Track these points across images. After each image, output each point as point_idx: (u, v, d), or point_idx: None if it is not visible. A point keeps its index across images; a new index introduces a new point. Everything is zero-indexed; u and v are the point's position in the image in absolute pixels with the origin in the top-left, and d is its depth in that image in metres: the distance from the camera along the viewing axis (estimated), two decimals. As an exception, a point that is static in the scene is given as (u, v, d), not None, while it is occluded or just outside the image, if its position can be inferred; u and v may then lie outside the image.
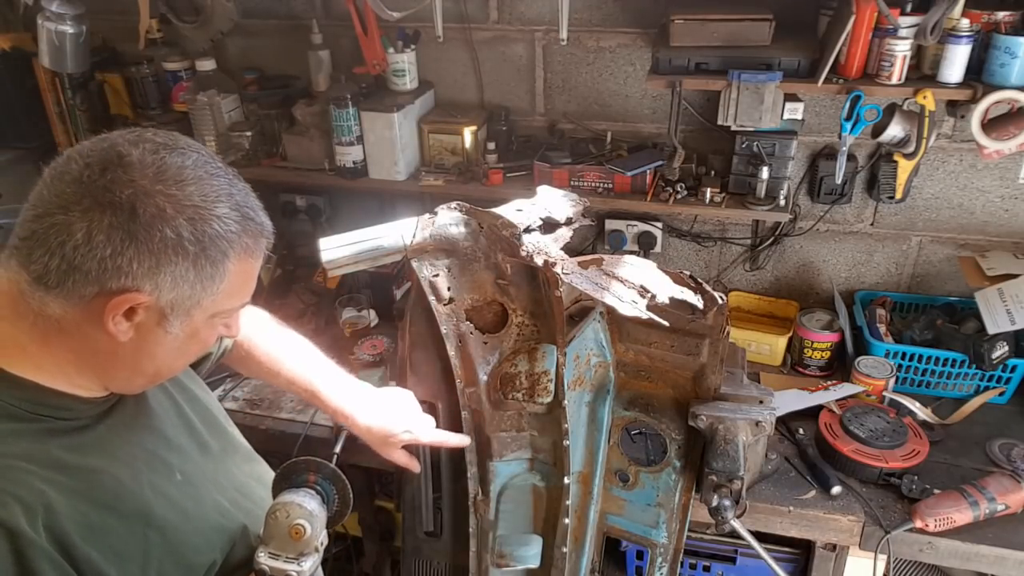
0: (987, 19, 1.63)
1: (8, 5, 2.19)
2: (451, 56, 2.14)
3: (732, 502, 1.40)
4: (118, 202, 0.80)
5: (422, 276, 1.29)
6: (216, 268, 0.86)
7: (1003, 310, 1.78)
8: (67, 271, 0.81)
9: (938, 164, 1.97)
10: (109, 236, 0.80)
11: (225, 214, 0.85)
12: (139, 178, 0.81)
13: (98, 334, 0.85)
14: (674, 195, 1.94)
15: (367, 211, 2.27)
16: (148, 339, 0.88)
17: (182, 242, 0.82)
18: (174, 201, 0.82)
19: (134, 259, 0.81)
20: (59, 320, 0.85)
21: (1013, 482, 1.53)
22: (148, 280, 0.82)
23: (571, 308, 1.40)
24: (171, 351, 0.92)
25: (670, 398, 1.48)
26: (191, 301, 0.87)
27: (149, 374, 0.94)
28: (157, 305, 0.85)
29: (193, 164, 0.85)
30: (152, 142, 0.84)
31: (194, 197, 0.83)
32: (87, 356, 0.88)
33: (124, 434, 0.96)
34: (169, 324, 0.87)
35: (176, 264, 0.83)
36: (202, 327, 0.92)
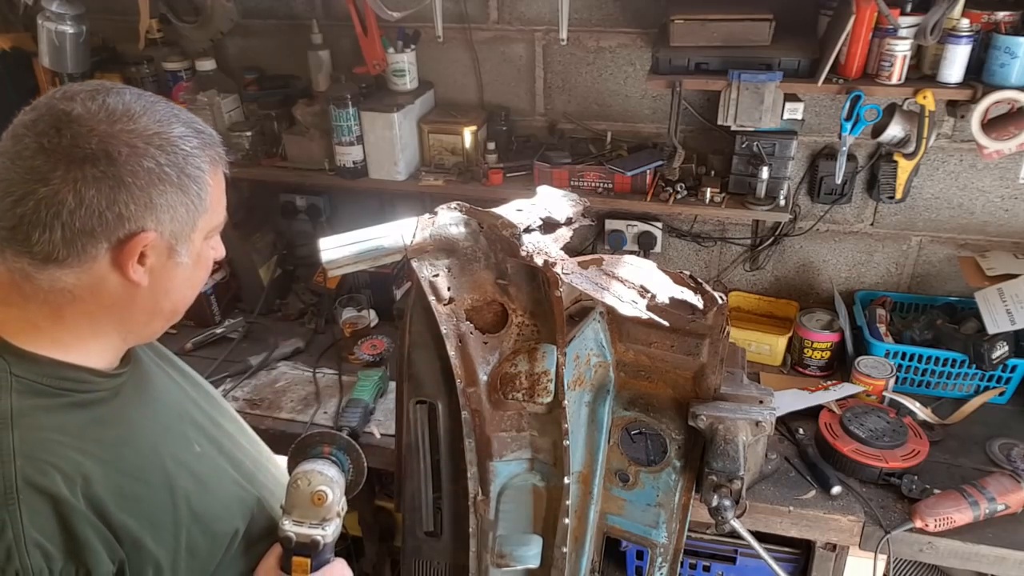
0: (987, 19, 1.63)
1: (8, 5, 2.18)
2: (451, 56, 2.14)
3: (732, 502, 1.40)
4: (91, 153, 0.80)
5: (422, 276, 1.29)
6: (199, 185, 0.88)
7: (1003, 310, 1.78)
8: (72, 239, 0.82)
9: (938, 164, 1.97)
10: (99, 188, 0.81)
11: (183, 133, 0.87)
12: (96, 125, 0.81)
13: (115, 288, 0.87)
14: (674, 195, 1.94)
15: (367, 211, 2.27)
16: (163, 276, 0.90)
17: (163, 169, 0.84)
18: (138, 135, 0.83)
19: (129, 202, 0.82)
20: (71, 290, 0.86)
21: (1013, 482, 1.53)
22: (148, 217, 0.84)
23: (571, 308, 1.40)
24: (184, 282, 0.94)
25: (670, 398, 1.48)
26: (189, 225, 0.89)
27: (167, 312, 0.96)
28: (163, 239, 0.87)
29: (133, 98, 0.86)
30: (84, 91, 0.84)
31: (151, 126, 0.84)
32: (103, 315, 0.90)
33: (140, 408, 0.98)
34: (179, 254, 0.90)
35: (166, 193, 0.85)
36: (203, 249, 0.95)
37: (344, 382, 1.96)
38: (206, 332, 2.17)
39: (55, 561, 0.81)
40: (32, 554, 0.79)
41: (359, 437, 1.76)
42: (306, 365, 2.05)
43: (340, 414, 1.81)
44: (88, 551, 0.84)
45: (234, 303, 2.32)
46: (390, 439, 1.73)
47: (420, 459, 1.43)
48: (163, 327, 0.99)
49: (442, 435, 1.39)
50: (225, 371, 2.00)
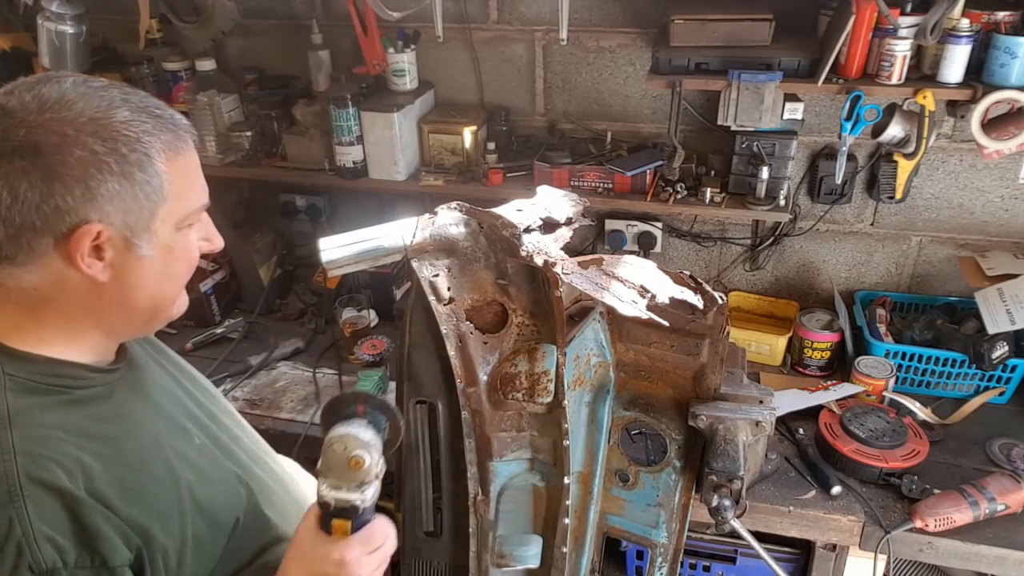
0: (987, 19, 1.63)
1: (8, 5, 2.18)
2: (451, 56, 2.14)
3: (732, 502, 1.40)
4: (18, 146, 0.78)
5: (422, 276, 1.29)
6: (146, 172, 0.84)
7: (1003, 310, 1.78)
8: (15, 235, 0.80)
9: (938, 164, 1.97)
10: (30, 182, 0.79)
11: (128, 117, 0.83)
12: (26, 116, 0.79)
13: (78, 285, 0.85)
14: (674, 195, 1.94)
15: (367, 211, 2.27)
16: (127, 271, 0.87)
17: (98, 157, 0.81)
18: (68, 122, 0.80)
19: (65, 193, 0.80)
20: (37, 288, 0.85)
21: (1013, 482, 1.53)
22: (90, 208, 0.81)
23: (571, 308, 1.40)
24: (155, 276, 0.90)
25: (670, 398, 1.48)
26: (145, 215, 0.85)
27: (146, 308, 0.92)
28: (116, 231, 0.84)
29: (72, 85, 0.83)
30: (25, 83, 0.83)
31: (86, 112, 0.81)
32: (77, 312, 0.88)
33: (140, 402, 0.97)
34: (138, 247, 0.86)
35: (106, 182, 0.81)
36: (174, 241, 0.90)
37: (344, 382, 1.96)
38: (206, 332, 2.17)
39: (67, 553, 0.81)
40: (43, 548, 0.79)
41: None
42: (306, 365, 2.05)
43: (340, 414, 1.81)
44: (101, 540, 0.83)
45: (234, 303, 2.32)
46: (390, 439, 1.73)
47: (420, 459, 1.43)
48: (148, 323, 0.97)
49: (442, 435, 1.39)
50: (225, 371, 2.00)
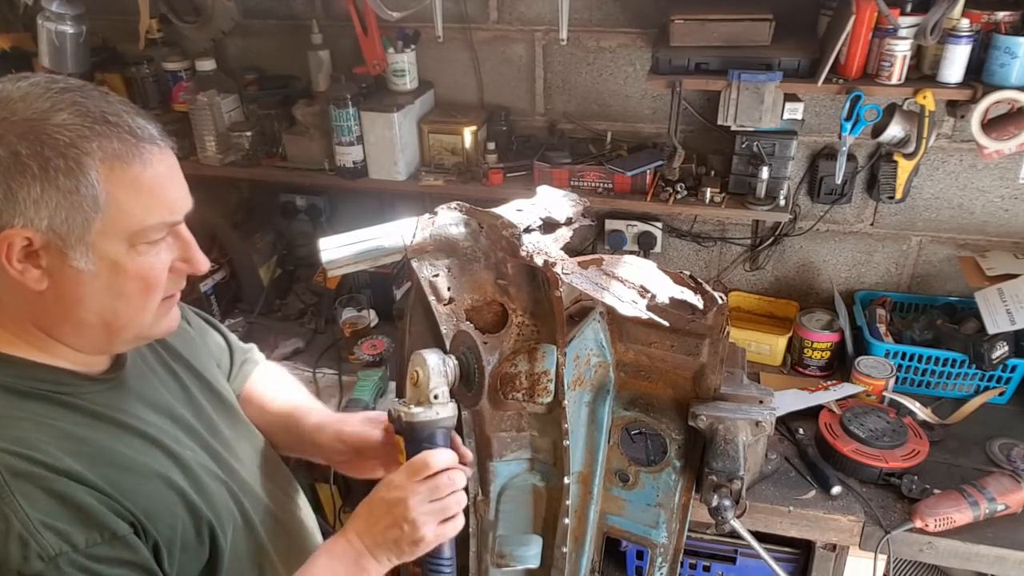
0: (987, 19, 1.63)
1: (8, 5, 2.18)
2: (451, 56, 2.14)
3: (732, 502, 1.40)
4: None
5: (422, 276, 1.29)
6: (77, 180, 0.79)
7: (1003, 310, 1.78)
8: None
9: (938, 164, 1.97)
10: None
11: (66, 121, 0.79)
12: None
13: (19, 290, 0.82)
14: (674, 195, 1.94)
15: (367, 211, 2.27)
16: (65, 282, 0.83)
17: (20, 159, 0.77)
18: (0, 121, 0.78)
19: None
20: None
21: (1013, 482, 1.53)
22: (12, 211, 0.78)
23: (571, 308, 1.40)
24: (100, 292, 0.85)
25: (670, 398, 1.48)
26: (76, 225, 0.80)
27: (95, 325, 0.87)
28: (45, 240, 0.80)
29: (28, 86, 0.81)
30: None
31: (21, 112, 0.79)
32: (25, 317, 0.86)
33: (132, 411, 0.95)
34: (72, 258, 0.82)
35: (29, 186, 0.78)
36: (125, 258, 0.85)
37: (344, 382, 1.96)
38: (206, 332, 2.16)
39: (73, 535, 0.80)
40: (45, 535, 0.78)
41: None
42: (306, 365, 2.05)
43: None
44: (101, 515, 0.82)
45: (234, 303, 2.32)
46: (390, 439, 1.73)
47: (420, 459, 1.43)
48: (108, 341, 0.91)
49: (442, 435, 1.38)
50: (225, 371, 2.00)
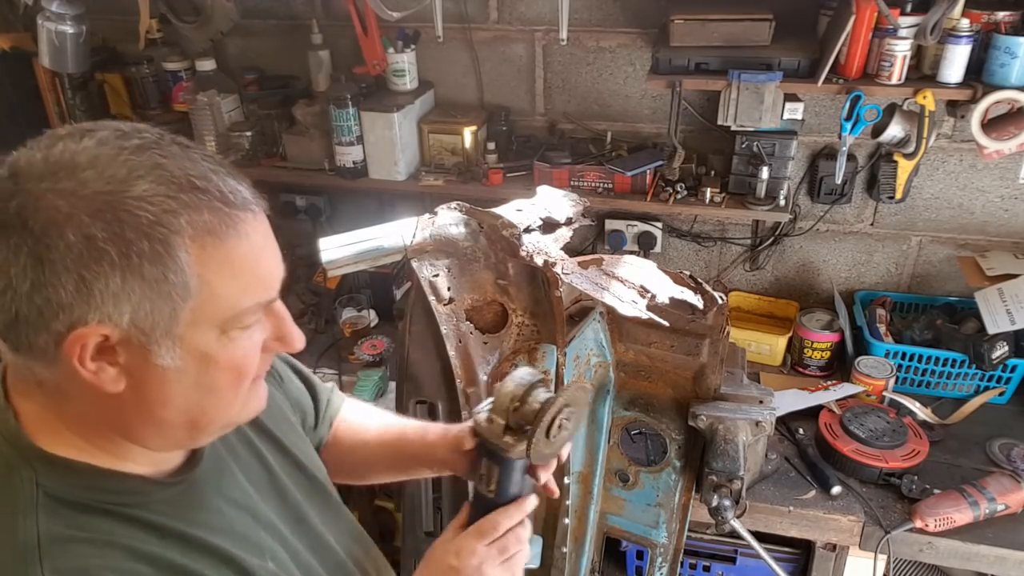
0: (987, 19, 1.63)
1: (8, 5, 2.18)
2: (451, 56, 2.14)
3: (732, 502, 1.40)
4: (8, 220, 0.62)
5: (422, 276, 1.29)
6: (165, 266, 0.64)
7: (1003, 310, 1.77)
8: (12, 325, 0.64)
9: (938, 164, 1.97)
10: (20, 267, 0.62)
11: (148, 192, 0.63)
12: (24, 182, 0.63)
13: (92, 390, 0.67)
14: (674, 195, 1.94)
15: (367, 211, 2.27)
16: (147, 381, 0.68)
17: (95, 244, 0.62)
18: (67, 195, 0.62)
19: (57, 285, 0.62)
20: (57, 386, 0.68)
21: (1013, 482, 1.53)
22: (86, 306, 0.63)
23: (571, 308, 1.40)
24: (187, 388, 0.70)
25: (670, 398, 1.49)
26: (163, 317, 0.65)
27: (180, 423, 0.72)
28: (124, 336, 0.65)
29: (96, 144, 0.65)
30: (51, 136, 0.66)
31: (93, 183, 0.62)
32: (100, 420, 0.71)
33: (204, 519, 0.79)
34: (157, 355, 0.67)
35: (107, 276, 0.62)
36: (216, 348, 0.70)
37: (344, 382, 1.96)
38: (206, 332, 2.16)
39: None
40: None
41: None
42: (306, 365, 2.04)
43: (340, 414, 1.81)
44: None
45: (234, 303, 2.32)
46: (390, 439, 1.73)
47: (420, 459, 1.43)
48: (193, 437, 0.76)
49: (442, 435, 1.38)
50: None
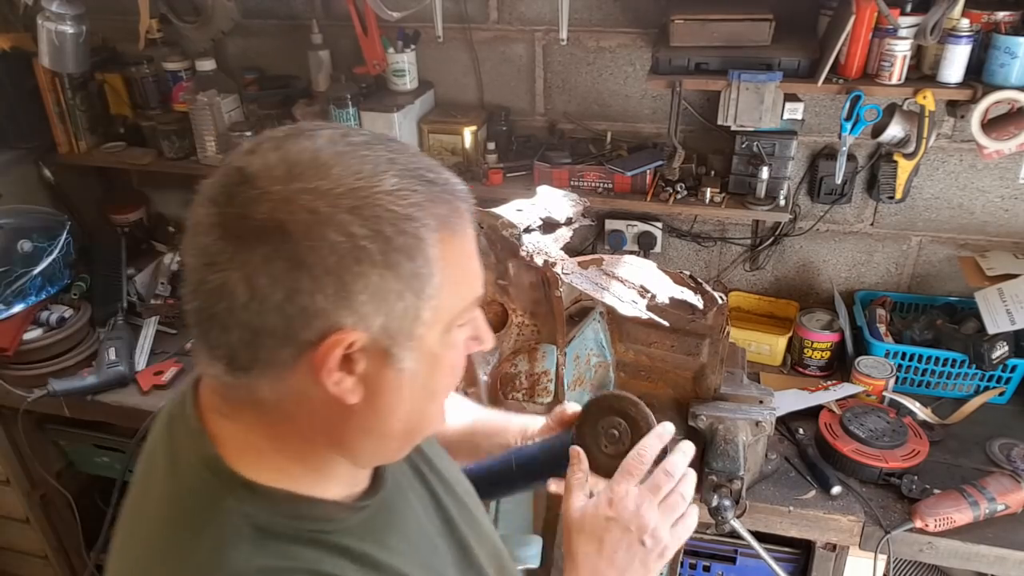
0: (987, 19, 1.62)
1: (8, 5, 2.18)
2: (451, 56, 2.14)
3: (732, 502, 1.40)
4: (260, 227, 0.59)
5: (422, 276, 1.29)
6: (416, 261, 0.62)
7: (1003, 310, 1.78)
8: (251, 341, 0.61)
9: (938, 164, 1.97)
10: (273, 276, 0.59)
11: (395, 186, 0.61)
12: (269, 185, 0.60)
13: (322, 405, 0.64)
14: (674, 195, 1.94)
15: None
16: (383, 389, 0.66)
17: (356, 243, 0.59)
18: (321, 194, 0.59)
19: (315, 291, 0.59)
20: (277, 404, 0.65)
21: (1013, 482, 1.53)
22: (344, 310, 0.60)
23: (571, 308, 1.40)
24: (416, 395, 0.68)
25: (670, 398, 1.49)
26: (409, 318, 0.63)
27: (400, 433, 0.71)
28: (372, 340, 0.62)
29: (328, 140, 0.63)
30: (272, 139, 0.64)
31: (345, 180, 0.60)
32: (323, 438, 0.69)
33: (395, 542, 0.77)
34: (398, 359, 0.64)
35: (365, 276, 0.60)
36: (441, 348, 0.68)
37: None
38: (206, 332, 2.17)
39: None
40: None
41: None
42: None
43: (340, 414, 1.81)
44: None
45: (234, 303, 2.32)
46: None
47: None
48: (399, 450, 0.75)
49: (442, 435, 1.38)
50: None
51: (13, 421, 2.03)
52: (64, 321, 2.05)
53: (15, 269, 1.98)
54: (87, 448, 2.18)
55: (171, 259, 2.26)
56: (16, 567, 2.49)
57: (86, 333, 2.08)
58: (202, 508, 0.66)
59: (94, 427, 2.13)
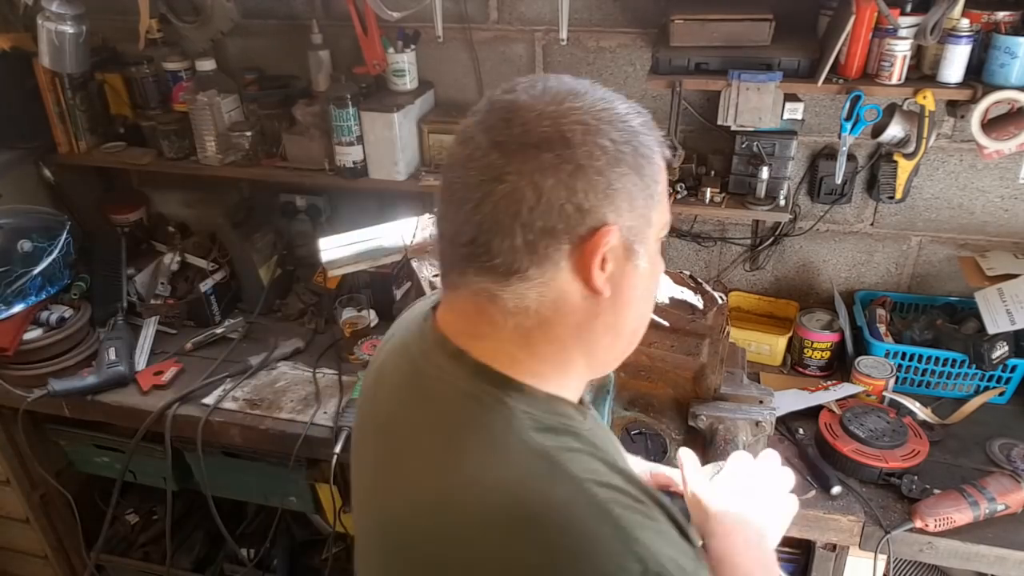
0: (987, 19, 1.63)
1: (8, 5, 2.18)
2: (451, 56, 2.14)
3: (732, 502, 1.40)
4: (545, 137, 0.70)
5: (422, 276, 1.29)
6: (652, 167, 0.75)
7: (1003, 310, 1.78)
8: (534, 242, 0.71)
9: (938, 164, 1.97)
10: (557, 177, 0.70)
11: (627, 110, 0.76)
12: (544, 107, 0.72)
13: (577, 304, 0.75)
14: (674, 195, 1.94)
15: (367, 211, 2.27)
16: (624, 285, 0.76)
17: (618, 147, 0.72)
18: (586, 111, 0.73)
19: (588, 189, 0.70)
20: (537, 309, 0.74)
21: (1013, 482, 1.53)
22: (608, 207, 0.72)
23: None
24: (645, 295, 0.80)
25: (670, 398, 1.49)
26: (645, 219, 0.75)
27: (628, 334, 0.82)
28: (623, 237, 0.74)
29: (573, 80, 0.77)
30: (523, 82, 0.76)
31: (596, 102, 0.74)
32: (570, 339, 0.77)
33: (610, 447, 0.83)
34: (637, 256, 0.76)
35: (624, 176, 0.72)
36: (656, 254, 0.80)
37: (344, 382, 1.96)
38: (206, 332, 2.17)
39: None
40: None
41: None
42: (306, 365, 2.05)
43: (340, 414, 1.81)
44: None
45: (234, 303, 2.32)
46: (390, 439, 1.73)
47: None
48: (623, 354, 0.85)
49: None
50: (225, 371, 2.00)
51: (13, 421, 2.03)
52: (64, 321, 2.05)
53: (15, 269, 1.98)
54: (87, 448, 2.18)
55: (171, 259, 2.26)
56: (16, 567, 2.49)
57: (86, 333, 2.08)
58: (488, 408, 0.74)
59: (94, 427, 2.13)
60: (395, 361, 0.87)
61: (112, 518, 2.19)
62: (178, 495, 2.16)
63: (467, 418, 0.75)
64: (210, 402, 1.90)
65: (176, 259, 2.27)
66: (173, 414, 1.88)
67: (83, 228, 2.31)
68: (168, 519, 2.14)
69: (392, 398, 0.85)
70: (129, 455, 1.99)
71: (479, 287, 0.75)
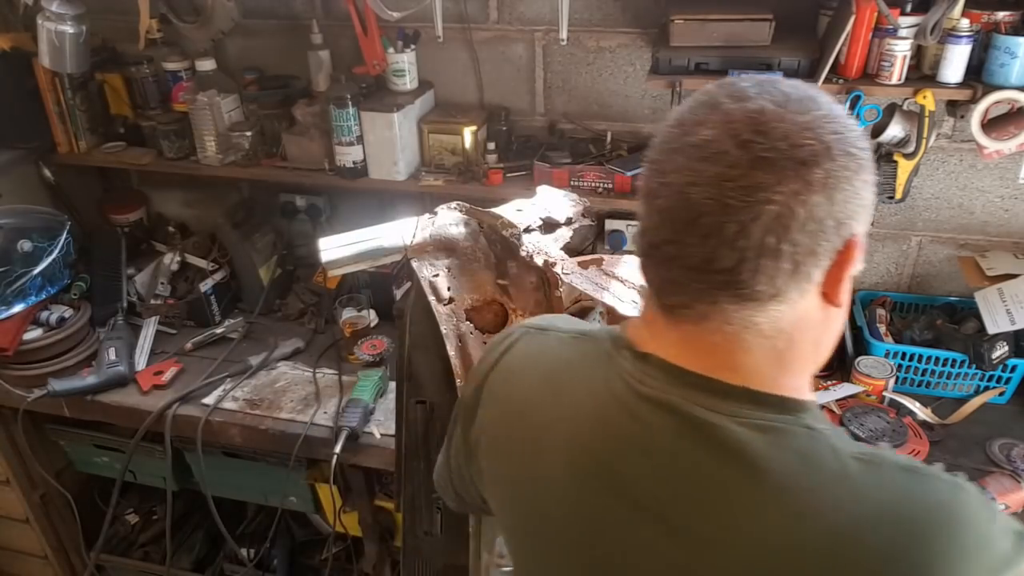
0: (987, 19, 1.62)
1: (8, 5, 2.18)
2: (451, 56, 2.14)
3: (732, 502, 1.40)
4: (812, 151, 0.66)
5: (422, 276, 1.29)
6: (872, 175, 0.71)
7: (1003, 310, 1.78)
8: (800, 262, 0.67)
9: (938, 164, 1.97)
10: (826, 194, 0.66)
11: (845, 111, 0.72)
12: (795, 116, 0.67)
13: (817, 316, 0.72)
14: (674, 195, 1.94)
15: (367, 211, 2.27)
16: (844, 289, 0.72)
17: (862, 156, 0.69)
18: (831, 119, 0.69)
19: (845, 201, 0.67)
20: (789, 332, 0.71)
21: (1013, 482, 1.53)
22: (857, 217, 0.69)
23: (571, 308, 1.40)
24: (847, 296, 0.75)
25: (670, 398, 1.48)
26: (866, 225, 0.72)
27: (838, 335, 0.79)
28: (860, 244, 0.71)
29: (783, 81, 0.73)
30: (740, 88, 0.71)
31: (833, 107, 0.71)
32: (811, 352, 0.75)
33: None
34: (857, 263, 0.71)
35: (868, 184, 0.70)
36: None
37: (344, 382, 1.96)
38: (206, 332, 2.17)
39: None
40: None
41: (359, 437, 1.76)
42: (306, 365, 2.05)
43: (340, 414, 1.81)
44: None
45: (234, 303, 2.32)
46: (390, 439, 1.73)
47: (420, 459, 1.43)
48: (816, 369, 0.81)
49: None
50: (225, 371, 2.00)
51: (13, 421, 2.03)
52: (64, 321, 2.05)
53: (15, 269, 1.98)
54: (87, 448, 2.18)
55: (171, 259, 2.26)
56: (16, 567, 2.49)
57: (86, 333, 2.08)
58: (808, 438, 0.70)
59: (94, 427, 2.13)
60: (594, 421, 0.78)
61: (112, 518, 2.19)
62: (178, 495, 2.16)
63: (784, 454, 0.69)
64: (210, 402, 1.90)
65: (176, 259, 2.27)
66: (173, 414, 1.88)
67: (83, 228, 2.31)
68: (168, 519, 2.15)
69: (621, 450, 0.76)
70: (129, 455, 1.99)
71: (734, 315, 0.70)
